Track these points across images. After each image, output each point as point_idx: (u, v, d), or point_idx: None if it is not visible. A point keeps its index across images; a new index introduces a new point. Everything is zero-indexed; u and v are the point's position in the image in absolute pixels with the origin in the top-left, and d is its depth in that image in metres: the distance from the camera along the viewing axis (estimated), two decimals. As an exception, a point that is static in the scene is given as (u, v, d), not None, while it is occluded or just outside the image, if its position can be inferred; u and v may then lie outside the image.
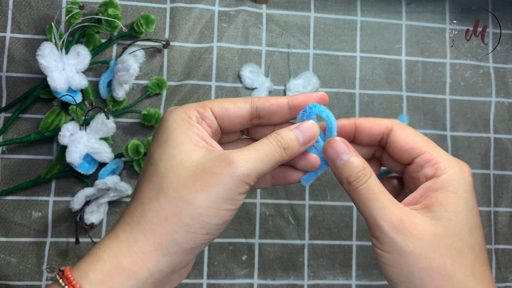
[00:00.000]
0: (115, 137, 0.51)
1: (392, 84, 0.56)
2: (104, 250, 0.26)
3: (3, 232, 0.48)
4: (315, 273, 0.52)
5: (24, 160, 0.50)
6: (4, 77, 0.50)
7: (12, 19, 0.50)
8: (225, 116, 0.30)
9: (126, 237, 0.26)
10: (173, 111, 0.29)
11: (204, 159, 0.26)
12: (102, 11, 0.48)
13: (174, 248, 0.26)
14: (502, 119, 0.57)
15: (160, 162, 0.27)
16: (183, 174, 0.26)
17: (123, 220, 0.27)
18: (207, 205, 0.25)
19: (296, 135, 0.29)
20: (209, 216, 0.26)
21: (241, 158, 0.26)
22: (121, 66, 0.47)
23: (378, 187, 0.28)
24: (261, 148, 0.28)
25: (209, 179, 0.25)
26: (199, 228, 0.26)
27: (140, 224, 0.26)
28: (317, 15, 0.56)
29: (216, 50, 0.53)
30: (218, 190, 0.25)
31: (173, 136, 0.27)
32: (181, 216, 0.25)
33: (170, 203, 0.25)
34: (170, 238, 0.25)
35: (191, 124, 0.28)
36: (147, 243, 0.25)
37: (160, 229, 0.25)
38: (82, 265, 0.26)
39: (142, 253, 0.25)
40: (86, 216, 0.47)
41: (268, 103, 0.30)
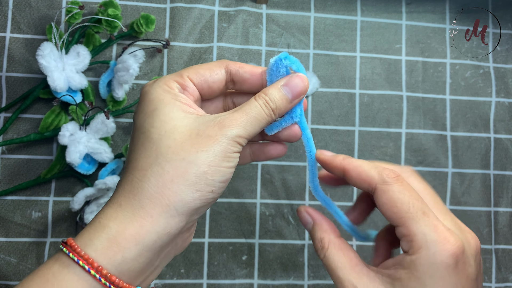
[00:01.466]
0: (115, 137, 0.51)
1: (392, 84, 0.56)
2: (108, 218, 0.26)
3: (3, 232, 0.48)
4: (315, 273, 0.52)
5: (24, 160, 0.49)
6: (4, 77, 0.50)
7: (12, 19, 0.50)
8: (203, 82, 0.30)
9: (131, 204, 0.26)
10: (153, 84, 0.29)
11: (196, 124, 0.27)
12: (102, 11, 0.48)
13: (182, 208, 0.26)
14: (502, 119, 0.57)
15: (152, 129, 0.27)
16: (179, 138, 0.27)
17: (122, 189, 0.27)
18: (209, 163, 0.26)
19: (285, 93, 0.29)
20: (212, 173, 0.27)
21: (232, 122, 0.27)
22: (121, 66, 0.47)
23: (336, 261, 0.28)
24: (251, 111, 0.28)
25: (206, 140, 0.27)
26: (205, 186, 0.26)
27: (143, 189, 0.26)
28: (317, 15, 0.56)
29: (216, 50, 0.53)
30: (216, 149, 0.27)
31: (161, 106, 0.28)
32: (187, 176, 0.26)
33: (173, 165, 0.26)
34: (179, 198, 0.26)
35: (176, 95, 0.29)
36: (154, 207, 0.26)
37: (167, 191, 0.26)
38: (86, 234, 0.26)
39: (150, 217, 0.26)
40: (86, 216, 0.47)
41: (242, 69, 0.30)
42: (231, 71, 0.30)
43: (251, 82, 0.31)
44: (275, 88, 0.29)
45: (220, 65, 0.30)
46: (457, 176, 0.56)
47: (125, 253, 0.25)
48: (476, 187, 0.56)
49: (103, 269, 0.24)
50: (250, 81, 0.31)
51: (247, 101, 0.29)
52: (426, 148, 0.55)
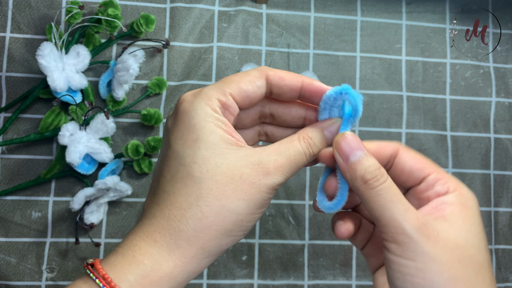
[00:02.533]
0: (115, 137, 0.51)
1: (392, 84, 0.56)
2: (143, 254, 0.26)
3: (3, 232, 0.48)
4: (315, 273, 0.52)
5: (24, 160, 0.49)
6: (4, 77, 0.50)
7: (12, 19, 0.50)
8: (245, 98, 0.29)
9: (167, 243, 0.26)
10: (194, 103, 0.27)
11: (239, 163, 0.27)
12: (102, 11, 0.48)
13: (215, 251, 0.27)
14: (502, 119, 0.57)
15: (193, 165, 0.26)
16: (221, 180, 0.26)
17: (158, 223, 0.26)
18: (247, 212, 0.27)
19: (326, 138, 0.29)
20: (248, 221, 0.27)
21: (277, 169, 0.27)
22: (121, 66, 0.47)
23: (398, 190, 0.26)
24: (294, 158, 0.28)
25: (248, 188, 0.26)
26: (239, 231, 0.27)
27: (181, 231, 0.26)
28: (317, 15, 0.56)
29: (216, 50, 0.53)
30: (257, 199, 0.27)
31: (204, 136, 0.27)
32: (224, 224, 0.26)
33: (213, 211, 0.26)
34: (214, 243, 0.26)
35: (218, 120, 0.27)
36: (189, 249, 0.26)
37: (204, 236, 0.26)
38: (119, 266, 0.26)
39: (184, 258, 0.26)
40: (86, 216, 0.47)
41: (282, 81, 0.29)
42: (271, 83, 0.29)
43: (290, 96, 0.30)
44: (318, 131, 0.29)
45: (261, 76, 0.29)
46: (457, 176, 0.55)
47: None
48: (476, 187, 0.56)
49: None
50: (289, 95, 0.30)
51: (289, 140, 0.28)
52: (426, 148, 0.55)
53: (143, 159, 0.50)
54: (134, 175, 0.51)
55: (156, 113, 0.49)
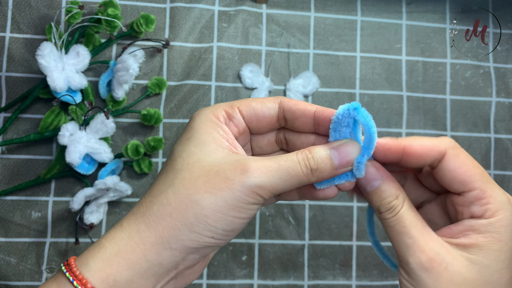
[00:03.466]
0: (114, 137, 0.51)
1: (392, 84, 0.56)
2: (106, 238, 0.26)
3: (3, 232, 0.48)
4: (315, 273, 0.52)
5: (23, 160, 0.49)
6: (4, 77, 0.50)
7: (12, 19, 0.50)
8: (253, 115, 0.29)
9: (129, 227, 0.26)
10: (201, 111, 0.28)
11: (221, 161, 0.26)
12: (102, 11, 0.48)
13: (176, 244, 0.25)
14: (503, 119, 0.57)
15: (178, 158, 0.27)
16: (197, 173, 0.26)
17: (131, 211, 0.27)
18: (214, 208, 0.25)
19: (331, 157, 0.27)
20: (215, 220, 0.25)
21: (259, 168, 0.25)
22: (120, 66, 0.47)
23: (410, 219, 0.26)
24: (284, 163, 0.26)
25: (220, 182, 0.25)
26: (203, 230, 0.25)
27: (144, 215, 0.26)
28: (317, 15, 0.56)
29: (216, 50, 0.53)
30: (227, 195, 0.25)
31: (197, 135, 0.27)
32: (185, 214, 0.25)
33: (177, 199, 0.25)
34: (173, 234, 0.25)
35: (217, 125, 0.27)
36: (149, 235, 0.25)
37: (164, 223, 0.25)
38: (86, 253, 0.26)
39: (143, 244, 0.25)
40: (85, 216, 0.47)
41: (296, 106, 0.29)
42: (284, 107, 0.29)
43: (302, 121, 0.29)
44: (323, 147, 0.27)
45: (274, 100, 0.29)
46: (457, 176, 0.55)
47: (117, 276, 0.25)
48: (476, 187, 0.56)
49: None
50: (301, 120, 0.29)
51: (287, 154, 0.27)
52: (426, 148, 0.55)
53: (143, 159, 0.50)
54: (134, 175, 0.51)
55: (156, 113, 0.49)
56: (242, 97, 0.53)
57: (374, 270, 0.53)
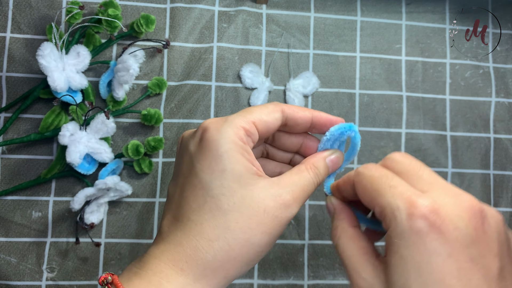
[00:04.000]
0: (115, 137, 0.51)
1: (392, 84, 0.56)
2: (170, 282, 0.27)
3: (3, 232, 0.48)
4: (315, 273, 0.52)
5: (24, 160, 0.50)
6: (4, 77, 0.50)
7: (12, 19, 0.50)
8: (265, 129, 0.31)
9: (193, 273, 0.27)
10: (222, 131, 0.28)
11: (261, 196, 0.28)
12: (102, 11, 0.48)
13: (234, 278, 0.29)
14: (502, 119, 0.57)
15: (222, 197, 0.28)
16: (247, 213, 0.28)
17: (185, 252, 0.28)
18: (268, 244, 0.29)
19: (328, 166, 0.32)
20: (267, 251, 0.29)
21: (295, 201, 0.29)
22: (121, 66, 0.47)
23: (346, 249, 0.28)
24: (307, 188, 0.30)
25: (271, 222, 0.28)
26: (256, 261, 0.29)
27: (208, 262, 0.27)
28: (317, 15, 0.56)
29: (216, 50, 0.53)
30: (278, 232, 0.29)
31: (231, 167, 0.28)
32: (248, 256, 0.28)
33: (239, 244, 0.28)
34: (237, 273, 0.28)
35: (243, 149, 0.29)
36: (214, 278, 0.28)
37: (229, 266, 0.28)
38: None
39: (209, 286, 0.28)
40: (86, 216, 0.47)
41: (297, 114, 0.32)
42: (287, 117, 0.32)
43: (302, 127, 0.32)
44: (323, 161, 0.31)
45: (277, 110, 0.31)
46: (457, 176, 0.56)
47: None
48: (476, 187, 0.56)
49: None
50: (302, 126, 0.32)
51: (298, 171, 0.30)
52: (426, 148, 0.55)
53: (143, 159, 0.50)
54: (134, 175, 0.51)
55: (156, 113, 0.49)
56: (242, 97, 0.53)
57: (374, 269, 0.53)
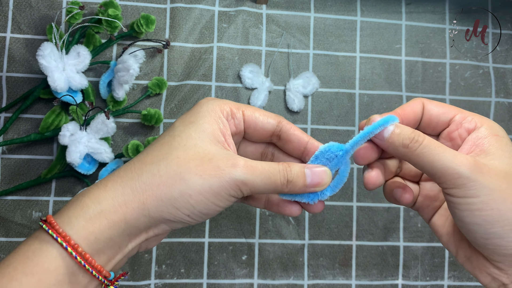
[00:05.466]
0: (115, 137, 0.51)
1: (392, 84, 0.56)
2: (89, 197, 0.27)
3: (3, 232, 0.48)
4: (315, 273, 0.52)
5: (24, 160, 0.50)
6: (4, 77, 0.50)
7: (12, 19, 0.50)
8: (252, 123, 0.31)
9: (115, 188, 0.27)
10: (210, 100, 0.31)
11: (215, 152, 0.28)
12: (102, 11, 0.48)
13: (155, 213, 0.27)
14: (502, 119, 0.57)
15: (177, 137, 0.29)
16: (191, 155, 0.28)
17: (117, 173, 0.28)
18: (199, 190, 0.27)
19: (306, 174, 0.30)
20: (196, 201, 0.27)
21: (246, 166, 0.28)
22: (121, 66, 0.47)
23: (437, 142, 0.28)
24: (268, 169, 0.29)
25: (211, 169, 0.27)
26: (183, 207, 0.27)
27: (132, 180, 0.27)
28: (317, 15, 0.56)
29: (216, 50, 0.53)
30: (214, 182, 0.27)
31: (200, 122, 0.29)
32: (172, 189, 0.27)
33: (168, 173, 0.27)
34: (155, 204, 0.27)
35: (219, 118, 0.30)
36: (132, 199, 0.27)
37: (150, 192, 0.27)
38: (66, 211, 0.27)
39: (125, 207, 0.27)
40: (86, 216, 0.47)
41: (292, 131, 0.32)
42: (282, 128, 0.32)
43: (294, 147, 0.32)
44: (300, 165, 0.30)
45: (275, 118, 0.32)
46: (456, 176, 0.56)
47: (98, 234, 0.26)
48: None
49: (78, 247, 0.26)
50: (295, 145, 0.32)
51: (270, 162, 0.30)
52: (425, 148, 0.55)
53: (143, 159, 0.50)
54: (134, 175, 0.51)
55: (156, 113, 0.49)
56: (242, 97, 0.53)
57: (374, 269, 0.53)
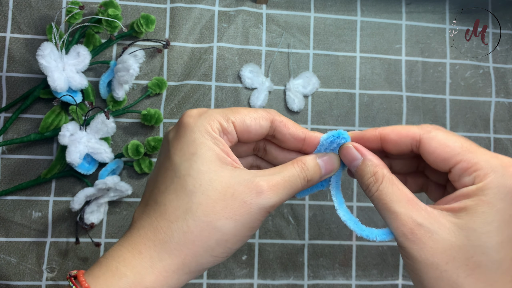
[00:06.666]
0: (115, 137, 0.51)
1: (392, 84, 0.56)
2: (126, 266, 0.26)
3: (3, 232, 0.48)
4: (315, 273, 0.52)
5: (24, 160, 0.50)
6: (4, 77, 0.50)
7: (12, 19, 0.50)
8: (245, 132, 0.29)
9: (150, 255, 0.26)
10: (197, 120, 0.28)
11: (232, 181, 0.26)
12: (102, 11, 0.48)
13: (196, 268, 0.26)
14: (502, 119, 0.57)
15: (188, 178, 0.26)
16: (213, 196, 0.26)
17: (145, 234, 0.26)
18: (234, 232, 0.26)
19: (320, 167, 0.29)
20: (233, 243, 0.27)
21: (271, 189, 0.27)
22: (121, 66, 0.47)
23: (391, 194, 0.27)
24: (289, 178, 0.28)
25: (239, 207, 0.26)
26: (221, 253, 0.27)
27: (165, 243, 0.26)
28: (317, 15, 0.56)
29: (216, 50, 0.53)
30: (246, 220, 0.26)
31: (202, 151, 0.27)
32: (208, 241, 0.26)
33: (199, 227, 0.26)
34: (195, 260, 0.26)
35: (216, 139, 0.28)
36: (171, 263, 0.26)
37: (186, 250, 0.26)
38: (102, 278, 0.25)
39: (165, 272, 0.26)
40: (86, 216, 0.47)
41: (286, 129, 0.30)
42: (275, 128, 0.30)
43: (291, 144, 0.31)
44: (312, 159, 0.29)
45: (266, 118, 0.30)
46: (457, 176, 0.56)
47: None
48: (476, 187, 0.56)
49: None
50: (291, 143, 0.31)
51: (284, 165, 0.29)
52: (426, 148, 0.55)
53: (143, 159, 0.50)
54: (134, 175, 0.51)
55: (156, 113, 0.49)
56: (242, 97, 0.53)
57: (374, 269, 0.53)
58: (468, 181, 0.26)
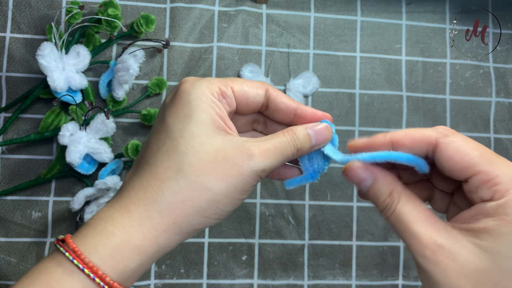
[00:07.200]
0: (115, 137, 0.51)
1: (392, 84, 0.56)
2: (114, 225, 0.25)
3: (3, 232, 0.48)
4: (315, 273, 0.52)
5: (24, 160, 0.50)
6: (4, 77, 0.50)
7: (12, 19, 0.50)
8: (243, 98, 0.30)
9: (139, 213, 0.26)
10: (195, 84, 0.28)
11: (225, 145, 0.27)
12: (102, 11, 0.48)
13: (186, 229, 0.26)
14: (502, 119, 0.57)
15: (180, 139, 0.27)
16: (204, 158, 0.26)
17: (135, 194, 0.26)
18: (225, 194, 0.26)
19: (310, 136, 0.29)
20: (225, 204, 0.26)
21: (262, 153, 0.27)
22: (121, 66, 0.47)
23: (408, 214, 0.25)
24: (279, 145, 0.28)
25: (230, 169, 0.26)
26: (213, 214, 0.26)
27: (155, 202, 0.26)
28: (317, 15, 0.56)
29: (216, 50, 0.53)
30: (237, 181, 0.26)
31: (196, 113, 0.27)
32: (199, 201, 0.26)
33: (190, 187, 0.26)
34: (185, 220, 0.26)
35: (213, 102, 0.28)
36: (161, 222, 0.26)
37: (178, 211, 0.26)
38: (90, 238, 0.25)
39: (155, 231, 0.26)
40: (86, 216, 0.47)
41: (279, 98, 0.30)
42: (269, 97, 0.30)
43: (283, 114, 0.31)
44: (303, 129, 0.29)
45: (261, 87, 0.30)
46: (457, 176, 0.56)
47: (127, 262, 0.25)
48: (476, 187, 0.56)
49: (106, 277, 0.24)
50: (283, 113, 0.31)
51: (274, 134, 0.29)
52: (426, 148, 0.55)
53: (143, 159, 0.50)
54: (134, 175, 0.51)
55: (156, 113, 0.49)
56: (242, 97, 0.53)
57: (374, 270, 0.53)
58: (487, 194, 0.24)
